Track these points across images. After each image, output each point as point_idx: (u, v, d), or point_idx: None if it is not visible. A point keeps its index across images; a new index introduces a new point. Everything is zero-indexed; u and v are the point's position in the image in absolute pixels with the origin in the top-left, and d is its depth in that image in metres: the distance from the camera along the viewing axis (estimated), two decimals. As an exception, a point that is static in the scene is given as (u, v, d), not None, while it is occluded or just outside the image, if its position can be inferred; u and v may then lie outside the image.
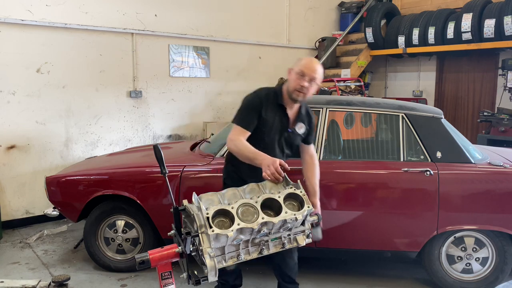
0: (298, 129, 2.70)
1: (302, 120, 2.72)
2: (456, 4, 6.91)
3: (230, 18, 6.49)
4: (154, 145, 2.35)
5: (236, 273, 2.97)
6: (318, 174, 2.76)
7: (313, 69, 2.53)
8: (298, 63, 2.59)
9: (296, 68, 2.58)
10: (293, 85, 2.57)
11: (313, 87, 2.57)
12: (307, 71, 2.52)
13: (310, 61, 2.58)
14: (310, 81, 2.53)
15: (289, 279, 2.92)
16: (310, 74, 2.52)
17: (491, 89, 6.82)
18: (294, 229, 2.19)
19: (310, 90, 2.56)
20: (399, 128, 3.39)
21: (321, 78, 2.60)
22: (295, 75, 2.56)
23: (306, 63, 2.56)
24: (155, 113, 5.82)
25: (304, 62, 2.57)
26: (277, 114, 2.63)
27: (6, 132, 4.66)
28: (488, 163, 3.35)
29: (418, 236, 3.28)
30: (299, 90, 2.54)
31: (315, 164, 2.77)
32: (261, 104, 2.59)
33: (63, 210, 3.75)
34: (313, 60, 2.61)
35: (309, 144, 2.81)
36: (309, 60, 2.61)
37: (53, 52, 4.90)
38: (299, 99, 2.59)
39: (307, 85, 2.52)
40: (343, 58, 7.71)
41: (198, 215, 2.02)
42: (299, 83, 2.53)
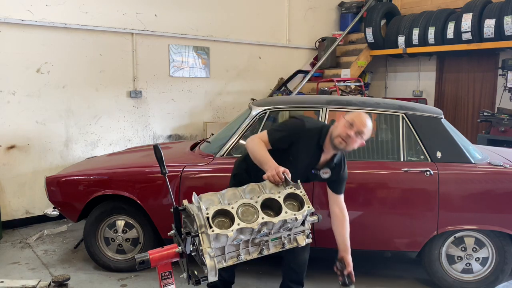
0: (323, 173, 2.69)
1: (330, 167, 2.69)
2: (456, 4, 6.90)
3: (230, 18, 6.49)
4: (154, 145, 2.35)
5: (232, 269, 2.97)
6: (348, 228, 2.79)
7: (364, 123, 2.51)
8: (351, 114, 2.59)
9: (348, 117, 2.56)
10: (338, 132, 2.54)
11: (358, 141, 2.53)
12: (357, 123, 2.50)
13: (363, 116, 2.55)
14: (356, 133, 2.50)
15: (296, 276, 2.93)
16: (359, 127, 2.50)
17: (491, 89, 6.82)
18: (294, 229, 2.19)
19: (353, 143, 2.53)
20: (399, 128, 3.39)
21: (368, 135, 2.56)
22: (344, 123, 2.53)
23: (358, 115, 2.55)
24: (155, 113, 5.82)
25: (356, 114, 2.56)
26: (311, 153, 2.63)
27: (6, 132, 4.66)
28: (488, 163, 3.35)
29: (418, 236, 3.28)
30: (343, 138, 2.51)
31: (345, 218, 2.79)
32: (298, 138, 2.59)
33: (63, 210, 3.75)
34: (366, 117, 2.57)
35: (338, 194, 2.80)
36: (363, 114, 2.57)
37: (53, 52, 4.90)
38: (340, 147, 2.56)
39: (352, 135, 2.49)
40: (343, 58, 7.71)
41: (198, 215, 2.02)
42: (346, 131, 2.50)
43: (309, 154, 2.63)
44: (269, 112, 3.54)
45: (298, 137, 2.59)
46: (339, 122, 2.57)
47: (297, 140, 2.59)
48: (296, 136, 2.60)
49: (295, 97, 5.72)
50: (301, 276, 2.96)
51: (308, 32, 7.64)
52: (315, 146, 2.63)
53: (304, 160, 2.62)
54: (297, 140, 2.59)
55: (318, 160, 2.67)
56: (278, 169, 2.33)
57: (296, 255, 2.84)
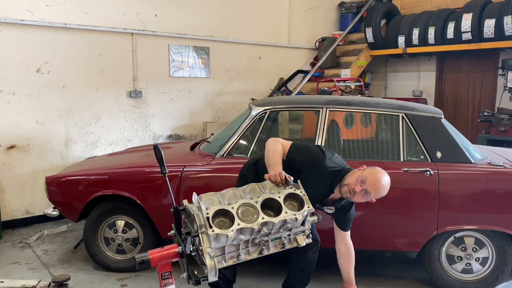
0: (327, 209, 2.68)
1: (336, 207, 2.67)
2: (456, 4, 6.91)
3: (230, 18, 6.49)
4: (154, 145, 2.35)
5: (234, 268, 2.97)
6: (353, 263, 2.81)
7: (375, 185, 2.44)
8: (371, 169, 2.51)
9: (365, 172, 2.49)
10: (348, 181, 2.50)
11: (364, 199, 2.49)
12: (368, 183, 2.44)
13: (379, 177, 2.47)
14: (364, 192, 2.45)
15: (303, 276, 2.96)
16: (368, 187, 2.44)
17: (491, 89, 6.82)
18: (294, 229, 2.19)
19: (359, 198, 2.50)
20: (399, 128, 3.39)
21: (379, 195, 2.50)
22: (357, 177, 2.48)
23: (374, 174, 2.47)
24: (155, 113, 5.82)
25: (373, 172, 2.49)
26: (320, 190, 2.59)
27: (6, 132, 4.66)
28: (488, 163, 3.35)
29: (418, 236, 3.28)
30: (349, 190, 2.48)
31: (351, 255, 2.81)
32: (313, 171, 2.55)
33: (63, 210, 3.75)
34: (384, 181, 2.48)
35: (344, 231, 2.80)
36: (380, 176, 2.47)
37: (53, 52, 4.90)
38: (345, 196, 2.54)
39: (358, 191, 2.45)
40: (343, 58, 7.71)
41: (198, 215, 2.02)
42: (355, 185, 2.45)
43: (318, 189, 2.58)
44: (269, 112, 3.54)
45: (314, 170, 2.55)
46: (355, 173, 2.52)
47: (310, 172, 2.56)
48: (311, 169, 2.56)
49: (295, 97, 5.72)
50: (309, 276, 2.96)
51: (308, 32, 7.64)
52: (327, 186, 2.59)
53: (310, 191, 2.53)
54: (311, 172, 2.56)
55: (326, 197, 2.65)
56: (281, 172, 2.35)
57: (305, 255, 2.84)
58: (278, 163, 2.48)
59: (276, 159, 2.51)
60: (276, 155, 2.55)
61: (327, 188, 2.60)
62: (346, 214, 2.75)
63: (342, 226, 2.80)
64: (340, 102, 3.56)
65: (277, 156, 2.54)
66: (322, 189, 2.60)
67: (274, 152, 2.56)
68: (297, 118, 5.15)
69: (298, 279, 2.97)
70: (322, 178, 2.57)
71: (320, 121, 3.44)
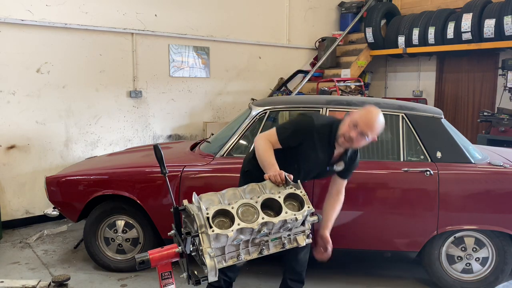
0: (337, 166, 2.64)
1: (344, 160, 2.64)
2: (456, 4, 6.90)
3: (230, 18, 6.49)
4: (154, 145, 2.35)
5: (238, 269, 2.95)
6: (337, 211, 2.75)
7: (369, 124, 2.39)
8: (361, 112, 2.45)
9: (353, 115, 2.45)
10: (342, 131, 2.47)
11: (361, 142, 2.45)
12: (361, 124, 2.39)
13: (370, 115, 2.42)
14: (360, 134, 2.41)
15: (297, 276, 2.94)
16: (363, 128, 2.39)
17: (491, 89, 6.82)
18: (294, 229, 2.19)
19: (358, 142, 2.45)
20: (399, 128, 3.39)
21: (376, 132, 2.45)
22: (348, 123, 2.44)
23: (364, 115, 2.42)
24: (155, 113, 5.82)
25: (363, 113, 2.43)
26: (323, 151, 2.57)
27: (6, 132, 4.66)
28: (488, 163, 3.35)
29: (418, 236, 3.28)
30: (345, 139, 2.45)
31: (339, 201, 2.75)
32: (311, 135, 2.51)
33: (63, 210, 3.75)
34: (374, 115, 2.42)
35: (343, 179, 2.75)
36: (373, 115, 2.43)
37: (53, 52, 4.89)
38: (344, 146, 2.51)
39: (354, 136, 2.41)
40: (343, 58, 7.71)
41: (198, 215, 2.01)
42: (349, 132, 2.42)
43: (320, 152, 2.56)
44: (269, 112, 3.54)
45: (309, 135, 2.52)
46: (345, 121, 2.49)
47: (306, 139, 2.52)
48: (306, 134, 2.53)
49: (295, 97, 5.72)
50: (302, 275, 2.97)
51: (308, 32, 7.64)
52: (327, 145, 2.56)
53: (315, 158, 2.56)
54: (307, 138, 2.52)
55: (331, 157, 2.60)
56: (280, 172, 2.31)
57: (297, 255, 2.84)
58: (273, 162, 2.43)
59: (269, 158, 2.45)
60: (267, 153, 2.48)
61: (328, 147, 2.56)
62: (352, 164, 2.70)
63: (344, 175, 2.73)
64: (340, 102, 3.56)
65: (269, 154, 2.48)
66: (325, 150, 2.57)
67: (265, 151, 2.50)
68: (297, 118, 5.15)
69: (293, 278, 2.96)
70: (321, 139, 2.54)
71: (320, 121, 3.44)
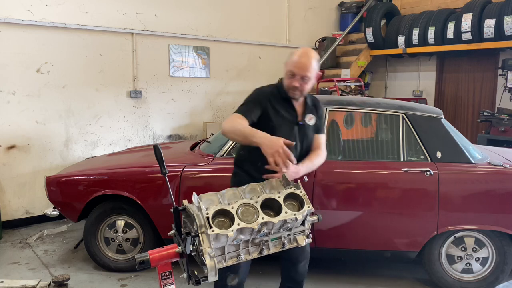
0: (308, 120, 2.59)
1: (310, 111, 2.62)
2: (456, 4, 6.91)
3: (230, 18, 6.49)
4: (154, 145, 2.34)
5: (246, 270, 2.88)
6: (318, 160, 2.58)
7: (303, 67, 2.38)
8: (290, 58, 2.44)
9: (287, 66, 2.45)
10: (286, 85, 2.48)
11: (308, 84, 2.44)
12: (297, 71, 2.39)
13: (300, 58, 2.40)
14: (302, 79, 2.41)
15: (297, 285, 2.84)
16: (300, 73, 2.39)
17: (491, 89, 6.82)
18: (294, 229, 2.19)
19: (304, 88, 2.45)
20: (399, 128, 3.39)
21: (314, 72, 2.43)
22: (286, 74, 2.45)
23: (296, 61, 2.40)
24: (155, 113, 5.82)
25: (294, 60, 2.41)
26: (285, 108, 2.54)
27: (6, 132, 4.66)
28: (488, 163, 3.35)
29: (418, 236, 3.28)
30: (292, 90, 2.45)
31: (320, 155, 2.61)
32: (266, 98, 2.48)
33: (63, 210, 3.76)
34: (304, 56, 2.40)
35: (321, 133, 2.69)
36: (299, 56, 2.41)
37: (53, 52, 4.90)
38: (296, 97, 2.51)
39: (298, 85, 2.41)
40: (343, 58, 7.71)
41: (198, 215, 2.01)
42: (291, 83, 2.43)
43: (284, 112, 2.51)
44: (269, 112, 3.54)
45: (265, 100, 2.47)
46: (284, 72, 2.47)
47: (266, 105, 2.47)
48: (262, 100, 2.47)
49: (295, 97, 5.71)
50: (302, 284, 2.89)
51: (308, 32, 7.64)
52: (283, 101, 2.52)
53: (284, 120, 2.51)
54: (265, 103, 2.47)
55: (295, 111, 2.55)
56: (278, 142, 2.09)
57: (296, 265, 2.75)
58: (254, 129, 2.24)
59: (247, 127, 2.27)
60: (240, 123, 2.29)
61: (285, 102, 2.52)
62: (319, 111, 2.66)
63: (318, 129, 2.66)
64: (340, 102, 3.56)
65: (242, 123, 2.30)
66: (286, 107, 2.52)
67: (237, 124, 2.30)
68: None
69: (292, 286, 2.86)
70: (276, 99, 2.50)
71: (320, 121, 3.44)
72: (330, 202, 3.31)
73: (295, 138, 2.54)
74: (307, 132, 2.61)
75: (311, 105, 2.64)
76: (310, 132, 2.63)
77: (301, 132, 2.58)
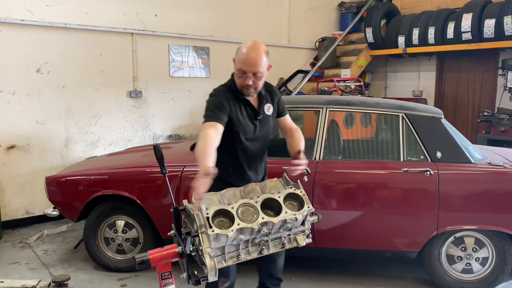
0: (267, 111, 2.52)
1: (266, 100, 2.54)
2: (456, 4, 6.91)
3: (230, 18, 6.49)
4: (154, 145, 2.34)
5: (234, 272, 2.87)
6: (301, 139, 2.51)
7: (253, 64, 2.28)
8: (237, 54, 2.35)
9: (235, 63, 2.35)
10: (238, 84, 2.39)
11: (261, 79, 2.37)
12: (248, 68, 2.29)
13: (248, 54, 2.29)
14: (254, 76, 2.33)
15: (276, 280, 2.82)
16: (251, 70, 2.29)
17: (491, 89, 6.82)
18: (294, 229, 2.19)
19: (258, 85, 2.37)
20: (399, 128, 3.39)
21: (266, 66, 2.33)
22: (237, 73, 2.37)
23: (244, 58, 2.30)
24: (155, 113, 5.82)
25: (242, 57, 2.31)
26: (241, 107, 2.46)
27: (6, 132, 4.66)
28: (488, 163, 3.35)
29: (418, 236, 3.28)
30: (247, 88, 2.37)
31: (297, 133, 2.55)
32: (226, 100, 2.40)
33: (63, 210, 3.76)
34: (252, 51, 2.30)
35: (286, 115, 2.63)
36: (247, 51, 2.31)
37: (53, 52, 4.90)
38: (251, 95, 2.42)
39: (251, 83, 2.33)
40: (343, 58, 7.71)
41: (198, 215, 2.01)
42: (244, 82, 2.34)
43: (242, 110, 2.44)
44: (269, 112, 3.53)
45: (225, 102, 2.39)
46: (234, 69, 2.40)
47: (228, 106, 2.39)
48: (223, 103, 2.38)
49: (295, 97, 5.72)
50: (280, 277, 2.82)
51: (308, 32, 7.64)
52: (239, 101, 2.44)
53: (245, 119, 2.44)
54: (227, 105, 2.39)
55: (252, 107, 2.48)
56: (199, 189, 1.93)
57: (276, 262, 2.72)
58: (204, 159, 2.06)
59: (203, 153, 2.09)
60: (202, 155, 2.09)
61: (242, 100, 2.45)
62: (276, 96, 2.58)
63: (281, 113, 2.60)
64: (340, 102, 3.56)
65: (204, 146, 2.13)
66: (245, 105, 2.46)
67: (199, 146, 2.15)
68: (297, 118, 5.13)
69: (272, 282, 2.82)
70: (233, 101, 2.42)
71: (320, 121, 3.45)
72: (330, 202, 3.31)
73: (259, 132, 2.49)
74: (268, 122, 2.55)
75: (265, 94, 2.54)
76: (270, 121, 2.56)
77: (262, 124, 2.51)
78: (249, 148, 2.46)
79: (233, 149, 2.44)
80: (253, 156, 2.50)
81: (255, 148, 2.50)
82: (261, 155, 2.57)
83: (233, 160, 2.45)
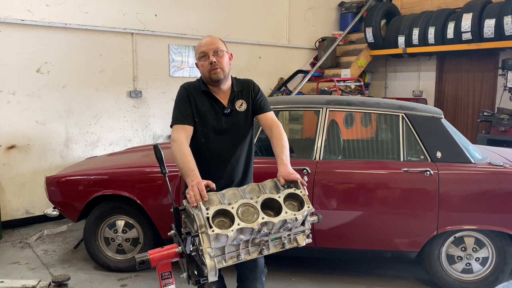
0: (238, 107, 2.48)
1: (238, 97, 2.50)
2: (456, 4, 6.91)
3: (230, 18, 6.49)
4: (154, 145, 2.34)
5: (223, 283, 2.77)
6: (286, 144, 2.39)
7: (209, 42, 2.41)
8: (195, 51, 2.49)
9: (196, 55, 2.47)
10: (205, 70, 2.41)
11: (224, 57, 2.40)
12: (206, 48, 2.39)
13: (203, 39, 2.46)
14: (215, 53, 2.38)
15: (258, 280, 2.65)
16: (210, 48, 2.39)
17: (491, 89, 6.82)
18: (294, 229, 2.19)
19: (223, 63, 2.40)
20: (399, 128, 3.39)
21: (223, 43, 2.44)
22: (200, 61, 2.43)
23: (201, 43, 2.43)
24: (155, 113, 5.82)
25: (199, 45, 2.44)
26: (207, 101, 2.45)
27: (6, 132, 4.66)
28: (488, 163, 3.35)
29: (418, 236, 3.28)
30: (214, 69, 2.38)
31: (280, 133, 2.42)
32: (189, 95, 2.44)
33: (63, 210, 3.75)
34: (207, 37, 2.47)
35: (268, 111, 2.53)
36: (202, 39, 2.47)
37: (53, 52, 4.90)
38: (220, 77, 2.40)
39: (214, 59, 2.37)
40: (343, 58, 7.71)
41: (198, 215, 2.01)
42: (208, 63, 2.38)
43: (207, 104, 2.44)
44: (269, 112, 3.53)
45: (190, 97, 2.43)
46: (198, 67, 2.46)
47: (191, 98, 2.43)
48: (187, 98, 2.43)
49: (295, 97, 5.72)
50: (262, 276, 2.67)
51: (308, 32, 7.64)
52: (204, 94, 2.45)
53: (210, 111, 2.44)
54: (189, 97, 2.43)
55: (218, 101, 2.46)
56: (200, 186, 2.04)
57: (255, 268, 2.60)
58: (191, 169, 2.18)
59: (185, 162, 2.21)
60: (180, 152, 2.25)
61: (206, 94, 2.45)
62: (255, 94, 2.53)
63: (262, 109, 2.50)
64: (340, 102, 3.56)
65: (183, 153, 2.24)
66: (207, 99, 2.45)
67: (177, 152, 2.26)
68: (297, 118, 5.15)
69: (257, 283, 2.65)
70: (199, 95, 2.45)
71: (320, 121, 3.45)
72: (330, 202, 3.31)
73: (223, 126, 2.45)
74: (239, 119, 2.49)
75: (238, 90, 2.51)
76: (242, 119, 2.49)
77: (230, 121, 2.47)
78: (212, 142, 2.43)
79: (196, 141, 2.43)
80: (219, 152, 2.43)
81: (222, 144, 2.45)
82: (232, 154, 2.48)
83: (196, 152, 2.37)
